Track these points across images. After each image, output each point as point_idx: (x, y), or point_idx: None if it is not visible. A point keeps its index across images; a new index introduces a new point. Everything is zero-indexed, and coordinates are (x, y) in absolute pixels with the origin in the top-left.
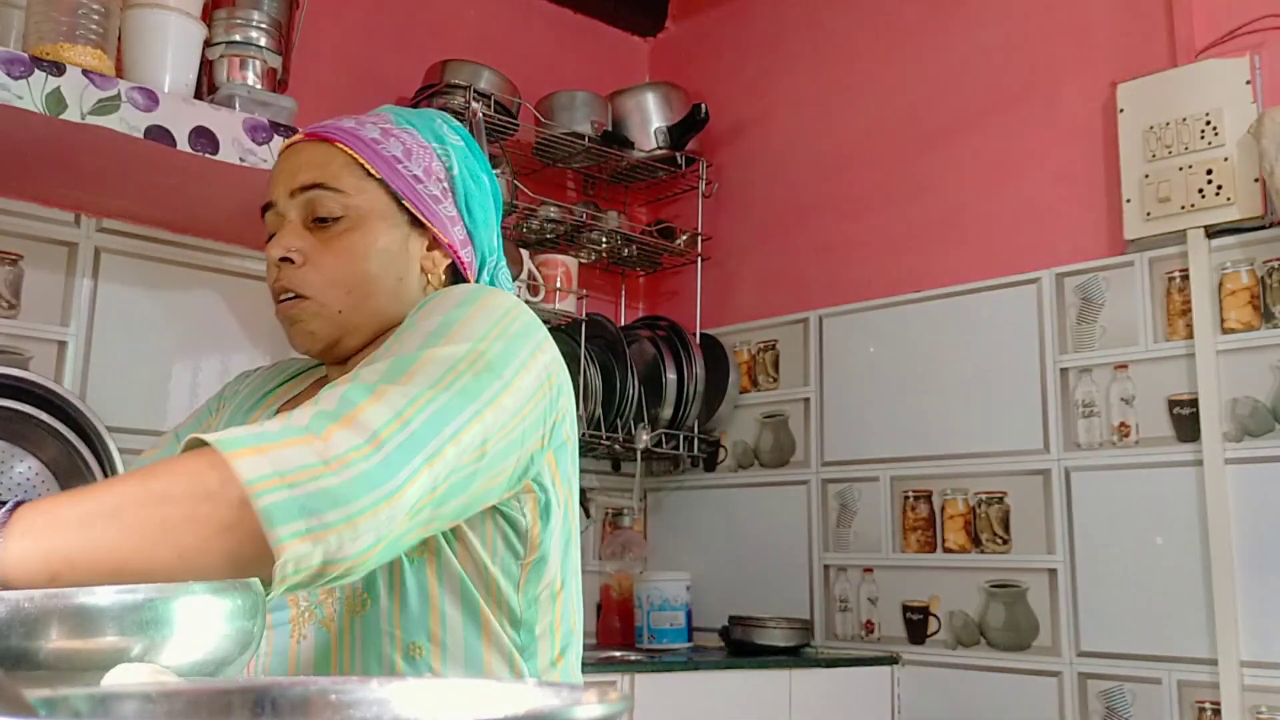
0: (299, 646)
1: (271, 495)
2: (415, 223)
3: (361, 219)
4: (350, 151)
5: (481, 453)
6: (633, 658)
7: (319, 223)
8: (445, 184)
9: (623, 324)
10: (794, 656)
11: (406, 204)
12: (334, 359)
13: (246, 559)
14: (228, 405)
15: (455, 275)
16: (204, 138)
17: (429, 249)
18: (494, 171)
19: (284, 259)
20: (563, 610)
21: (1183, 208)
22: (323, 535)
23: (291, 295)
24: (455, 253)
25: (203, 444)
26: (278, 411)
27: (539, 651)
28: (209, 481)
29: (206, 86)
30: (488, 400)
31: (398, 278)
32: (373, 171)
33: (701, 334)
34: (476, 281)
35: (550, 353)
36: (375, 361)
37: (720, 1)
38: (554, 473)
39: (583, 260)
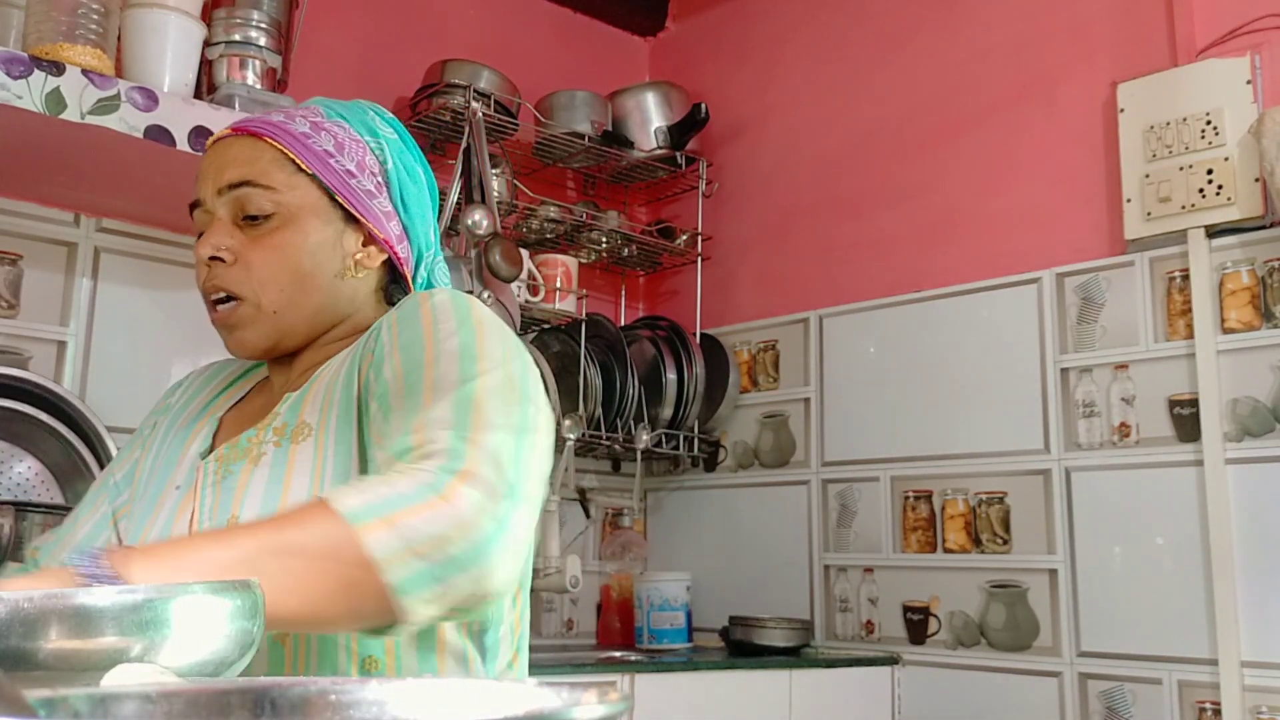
0: (253, 659)
1: (403, 570)
2: (349, 218)
3: (293, 216)
4: (279, 146)
5: (542, 478)
6: (633, 658)
7: (249, 220)
8: (379, 179)
9: (623, 324)
10: (794, 657)
11: (340, 199)
12: (274, 359)
13: (370, 613)
14: (163, 421)
15: (391, 271)
16: (204, 137)
17: (364, 244)
18: (427, 163)
19: (214, 258)
20: (521, 610)
21: (1183, 207)
22: (451, 595)
23: (224, 297)
24: (391, 248)
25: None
26: (220, 422)
27: (499, 654)
28: (342, 549)
29: (206, 86)
30: (533, 427)
31: (332, 274)
32: (303, 166)
33: (701, 334)
34: (414, 278)
35: (532, 363)
36: (414, 391)
37: (720, 1)
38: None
39: (583, 260)
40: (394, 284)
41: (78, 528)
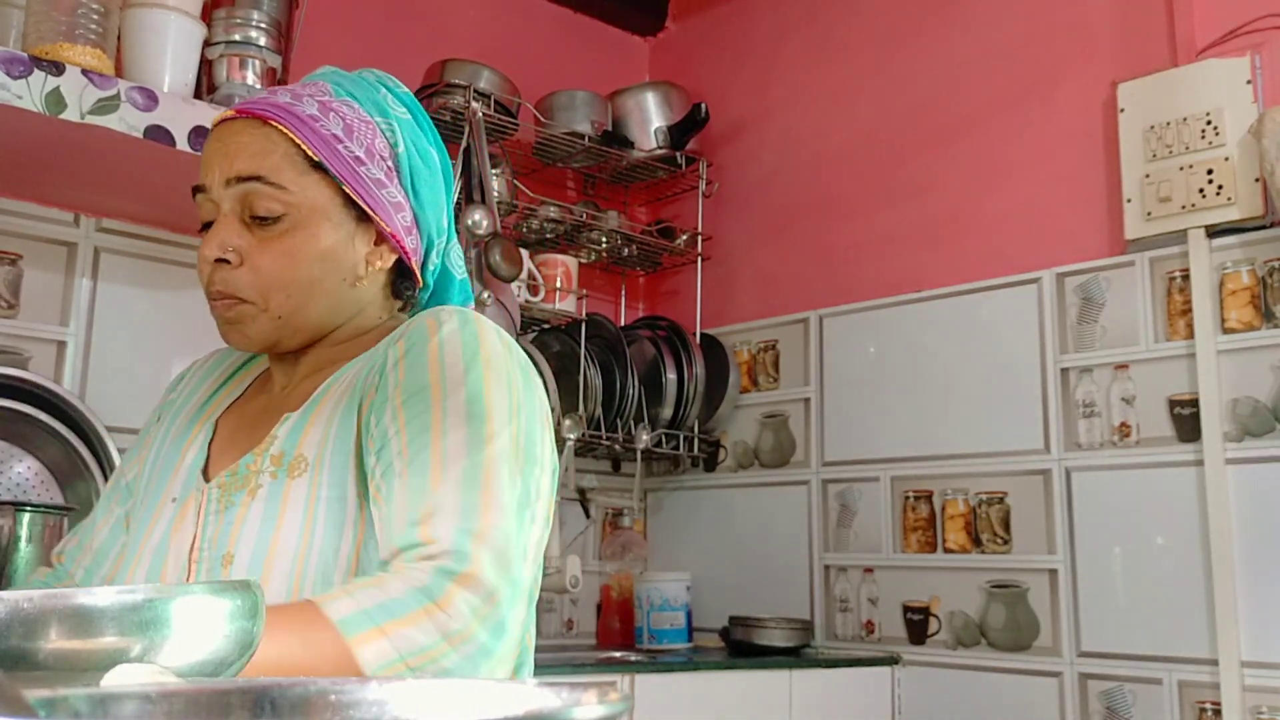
0: None
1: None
2: (361, 217)
3: (304, 218)
4: (291, 135)
5: (540, 547)
6: (633, 658)
7: (257, 220)
8: (389, 163)
9: (623, 324)
10: (794, 657)
11: (350, 193)
12: (275, 356)
13: None
14: (166, 416)
15: (401, 267)
16: (203, 137)
17: (375, 243)
18: (442, 142)
19: (220, 259)
20: (526, 626)
21: (1183, 207)
22: None
23: (226, 297)
24: (400, 244)
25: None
26: (215, 426)
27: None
28: (341, 670)
29: (206, 86)
30: (536, 493)
31: (341, 277)
32: (314, 157)
33: (701, 334)
34: (425, 268)
35: (539, 386)
36: (419, 465)
37: (720, 1)
38: (546, 498)
39: (583, 260)
40: (402, 278)
41: (97, 531)
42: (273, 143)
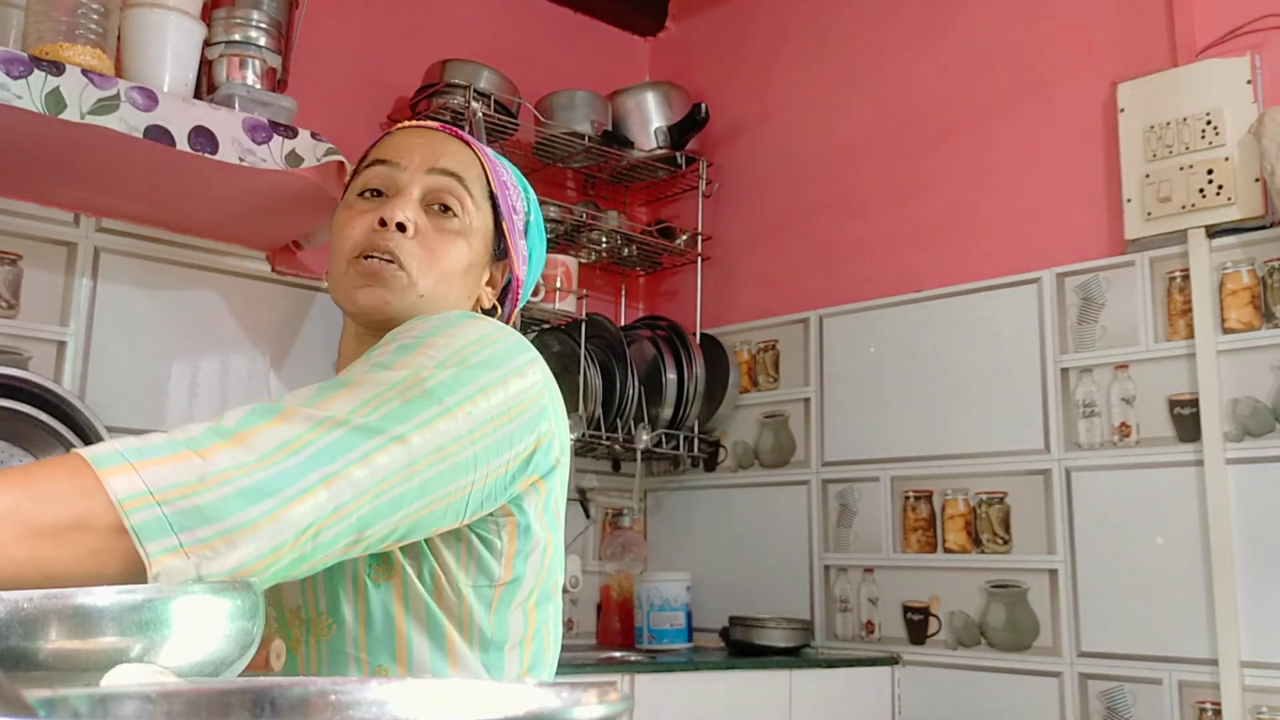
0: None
1: (142, 513)
2: (495, 257)
3: (471, 229)
4: (483, 163)
5: (409, 474)
6: (633, 658)
7: (440, 210)
8: (522, 225)
9: (623, 324)
10: (794, 657)
11: (505, 237)
12: (374, 328)
13: (114, 577)
14: None
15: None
16: (203, 137)
17: (487, 283)
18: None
19: (400, 224)
20: (536, 628)
21: (1183, 207)
22: (195, 550)
23: (385, 258)
24: (517, 290)
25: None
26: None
27: (505, 668)
28: (82, 506)
29: (206, 86)
30: (417, 425)
31: (468, 294)
32: (493, 189)
33: (701, 334)
34: (508, 320)
35: (529, 379)
36: (332, 379)
37: (720, 1)
38: (541, 495)
39: (583, 260)
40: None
41: None
42: (472, 163)
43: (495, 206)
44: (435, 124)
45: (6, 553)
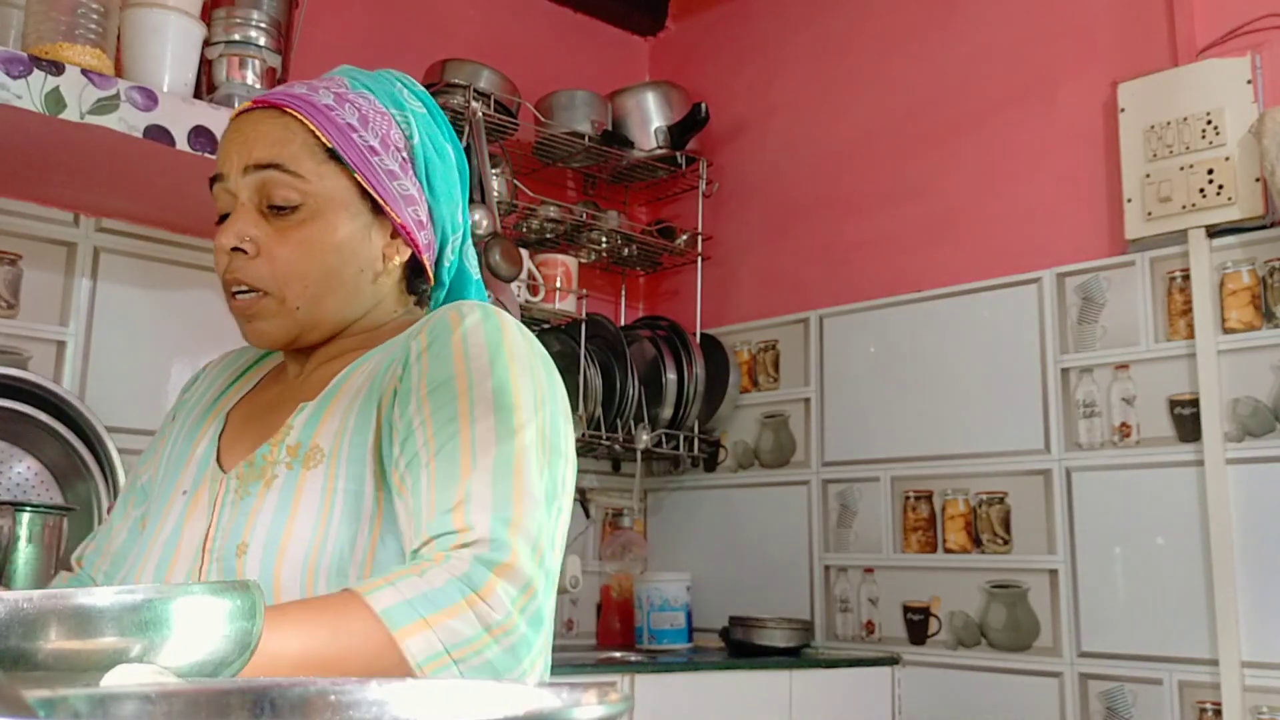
0: None
1: (440, 675)
2: (377, 210)
3: (321, 208)
4: (308, 123)
5: (563, 537)
6: (633, 658)
7: (275, 210)
8: (404, 154)
9: (623, 324)
10: (794, 657)
11: (364, 184)
12: (292, 350)
13: None
14: (180, 415)
15: (415, 262)
16: (203, 137)
17: (391, 236)
18: (458, 140)
19: (236, 249)
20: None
21: (1184, 207)
22: None
23: (245, 290)
24: (412, 238)
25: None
26: (226, 418)
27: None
28: (384, 660)
29: (206, 86)
30: (562, 486)
31: (358, 269)
32: (330, 145)
33: (701, 334)
34: (439, 263)
35: (559, 380)
36: (449, 454)
37: (720, 1)
38: (569, 491)
39: (583, 260)
40: (415, 275)
41: (114, 534)
42: (291, 131)
43: (342, 161)
44: (249, 102)
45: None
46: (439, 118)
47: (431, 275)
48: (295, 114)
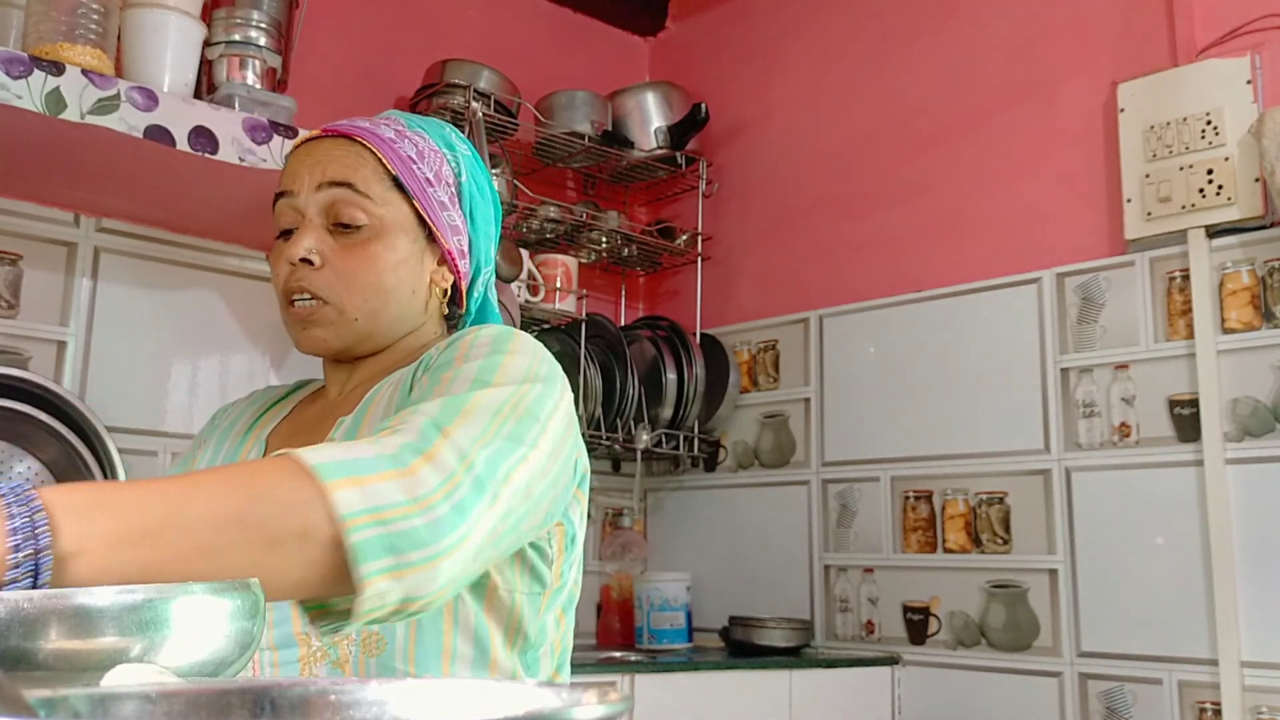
0: None
1: (363, 532)
2: (430, 236)
3: (383, 229)
4: (376, 152)
5: (528, 494)
6: (633, 658)
7: (341, 228)
8: (453, 189)
9: (623, 324)
10: (794, 657)
11: (425, 218)
12: (335, 362)
13: (319, 588)
14: (210, 443)
15: (453, 289)
16: (203, 137)
17: (439, 263)
18: (493, 177)
19: (304, 259)
20: (566, 629)
21: (1183, 207)
22: (404, 574)
23: (307, 298)
24: (454, 265)
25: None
26: (267, 442)
27: (540, 670)
28: (304, 517)
29: (206, 86)
30: (530, 443)
31: (410, 290)
32: (394, 174)
33: (701, 334)
34: (469, 293)
35: (568, 390)
36: (425, 400)
37: (720, 1)
38: (581, 504)
39: (583, 260)
40: (451, 301)
41: None
42: (361, 158)
43: (404, 190)
44: (317, 131)
45: (229, 559)
46: (480, 163)
47: (464, 302)
48: (364, 142)
